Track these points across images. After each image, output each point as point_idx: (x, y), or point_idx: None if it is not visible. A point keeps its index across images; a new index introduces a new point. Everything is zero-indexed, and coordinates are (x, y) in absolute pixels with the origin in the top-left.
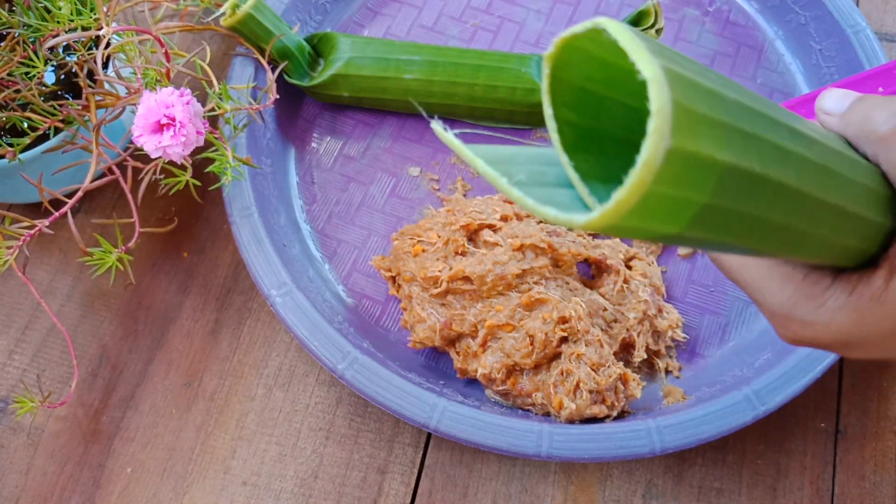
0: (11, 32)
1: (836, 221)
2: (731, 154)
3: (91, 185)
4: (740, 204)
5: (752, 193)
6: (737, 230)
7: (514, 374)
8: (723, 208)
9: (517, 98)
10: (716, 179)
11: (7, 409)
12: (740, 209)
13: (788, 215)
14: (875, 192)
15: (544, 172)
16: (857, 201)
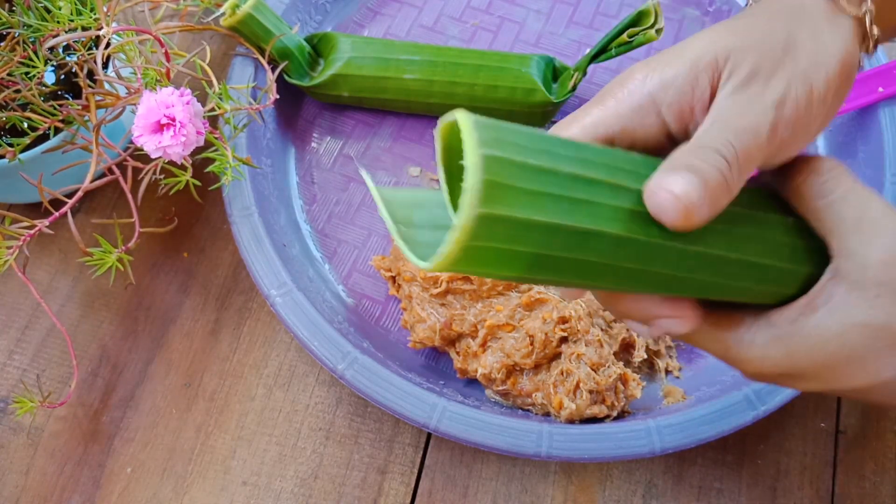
0: (11, 32)
1: (705, 267)
2: (552, 216)
3: (91, 185)
4: (575, 253)
5: (584, 245)
6: (584, 273)
7: (514, 374)
8: (558, 256)
9: (517, 98)
10: (540, 234)
11: (7, 409)
12: (577, 257)
13: (637, 261)
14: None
15: (444, 217)
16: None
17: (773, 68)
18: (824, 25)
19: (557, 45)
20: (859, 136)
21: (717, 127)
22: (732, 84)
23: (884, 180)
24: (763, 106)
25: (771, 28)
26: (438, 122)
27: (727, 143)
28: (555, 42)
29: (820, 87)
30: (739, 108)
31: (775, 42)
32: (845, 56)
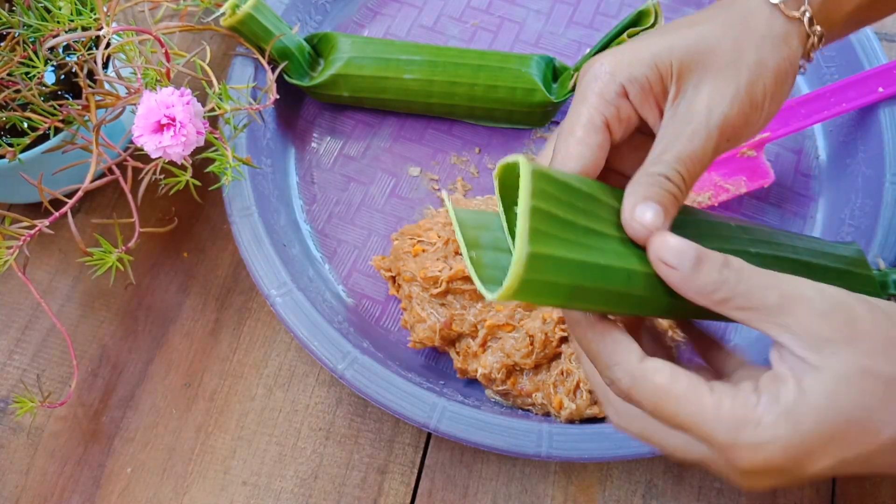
0: (11, 32)
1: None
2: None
3: (91, 185)
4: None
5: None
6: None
7: (514, 374)
8: (588, 287)
9: (517, 98)
10: (572, 270)
11: (7, 409)
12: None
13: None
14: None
15: (503, 240)
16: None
17: (719, 81)
18: (767, 35)
19: (557, 45)
20: (859, 136)
21: (668, 153)
22: (683, 97)
23: (884, 180)
24: (708, 128)
25: (721, 39)
26: (500, 161)
27: (675, 171)
28: (555, 42)
29: (758, 97)
30: (687, 131)
31: (724, 53)
32: (781, 64)
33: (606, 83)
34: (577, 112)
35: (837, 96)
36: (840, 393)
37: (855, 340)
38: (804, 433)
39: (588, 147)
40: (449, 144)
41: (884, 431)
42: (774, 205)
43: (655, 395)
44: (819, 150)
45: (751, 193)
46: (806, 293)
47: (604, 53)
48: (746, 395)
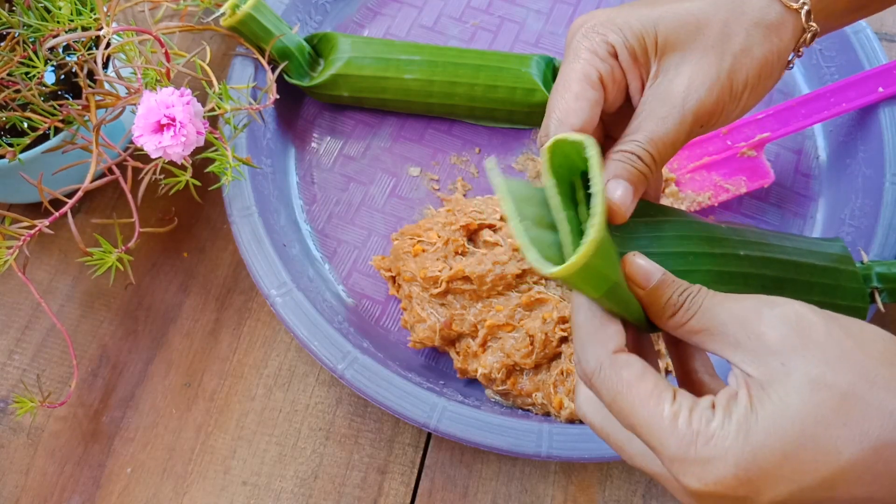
0: (11, 32)
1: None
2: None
3: (91, 185)
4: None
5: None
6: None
7: (514, 374)
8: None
9: (517, 98)
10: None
11: (7, 409)
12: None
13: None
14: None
15: (545, 216)
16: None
17: (701, 64)
18: (759, 22)
19: (557, 45)
20: (859, 136)
21: (640, 133)
22: (664, 73)
23: (884, 180)
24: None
25: (710, 19)
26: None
27: (646, 151)
28: (555, 42)
29: (738, 87)
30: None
31: (711, 34)
32: (768, 56)
33: (598, 42)
34: (571, 68)
35: (837, 96)
36: (790, 405)
37: (805, 351)
38: (755, 447)
39: (586, 101)
40: (449, 144)
41: (844, 451)
42: (774, 205)
43: (616, 387)
44: (819, 150)
45: (751, 193)
46: (758, 309)
47: (593, 13)
48: (703, 409)
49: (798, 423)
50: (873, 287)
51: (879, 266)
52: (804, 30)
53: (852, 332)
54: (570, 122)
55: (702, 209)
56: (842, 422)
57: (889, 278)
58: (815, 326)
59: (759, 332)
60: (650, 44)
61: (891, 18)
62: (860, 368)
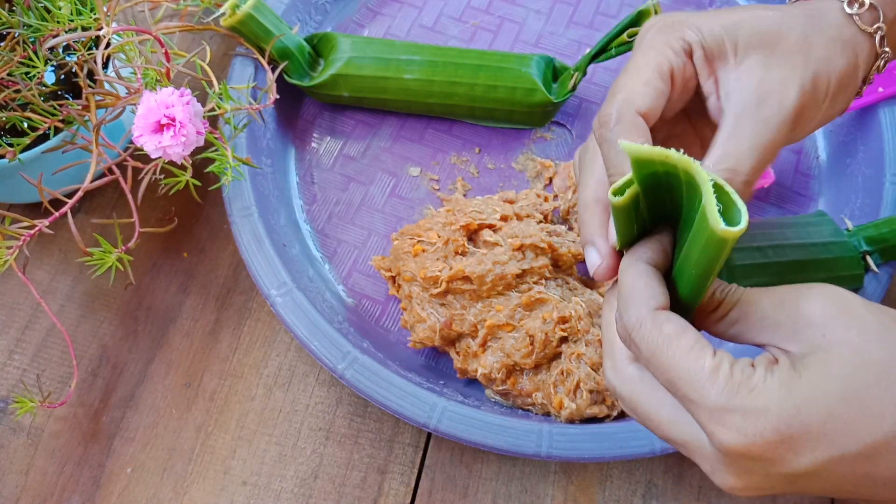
0: (11, 32)
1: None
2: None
3: (91, 185)
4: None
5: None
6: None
7: (514, 374)
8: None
9: (517, 98)
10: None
11: (7, 409)
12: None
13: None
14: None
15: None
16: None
17: (788, 65)
18: (837, 38)
19: (557, 45)
20: (859, 136)
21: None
22: (749, 71)
23: (884, 180)
24: (782, 111)
25: (792, 28)
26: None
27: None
28: (555, 42)
29: (820, 94)
30: (761, 114)
31: (793, 41)
32: (847, 68)
33: (674, 38)
34: (643, 58)
35: None
36: (833, 369)
37: (845, 321)
38: (799, 402)
39: (654, 89)
40: (449, 144)
41: (889, 417)
42: (774, 205)
43: (656, 342)
44: (819, 150)
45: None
46: (796, 291)
47: (670, 14)
48: (744, 365)
49: (842, 385)
50: (864, 251)
51: (865, 230)
52: (878, 55)
53: (891, 312)
54: (637, 104)
55: None
56: (884, 387)
57: (876, 240)
58: (854, 303)
59: (798, 309)
60: (729, 46)
61: None
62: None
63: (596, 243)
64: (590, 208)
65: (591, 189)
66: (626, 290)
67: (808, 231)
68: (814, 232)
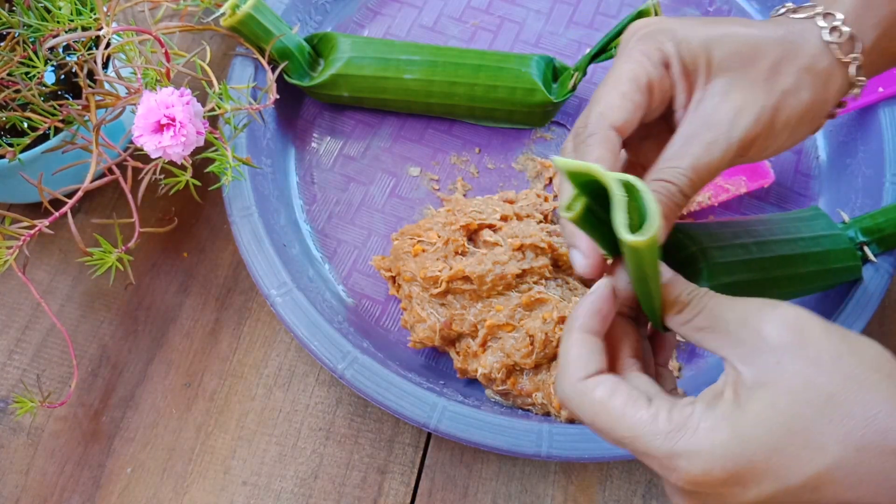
0: (11, 32)
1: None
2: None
3: (91, 185)
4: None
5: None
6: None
7: (514, 374)
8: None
9: (517, 98)
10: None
11: (7, 409)
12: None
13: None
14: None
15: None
16: None
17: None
18: (810, 67)
19: (557, 45)
20: (859, 136)
21: (686, 155)
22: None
23: (884, 180)
24: (729, 140)
25: (767, 53)
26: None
27: (688, 180)
28: (555, 42)
29: (778, 125)
30: (707, 136)
31: (764, 67)
32: (812, 103)
33: (653, 48)
34: (622, 68)
35: None
36: (779, 402)
37: (801, 350)
38: (743, 439)
39: (631, 102)
40: (449, 144)
41: (829, 449)
42: (774, 205)
43: (592, 409)
44: (819, 150)
45: (751, 193)
46: (760, 309)
47: (654, 19)
48: (682, 406)
49: (788, 419)
50: (860, 242)
51: (860, 222)
52: (851, 84)
53: (847, 338)
54: (612, 118)
55: (702, 209)
56: (828, 420)
57: (872, 230)
58: (813, 329)
59: (759, 329)
60: (703, 63)
61: None
62: (850, 371)
63: (578, 245)
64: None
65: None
66: (560, 361)
67: (796, 226)
68: (802, 226)
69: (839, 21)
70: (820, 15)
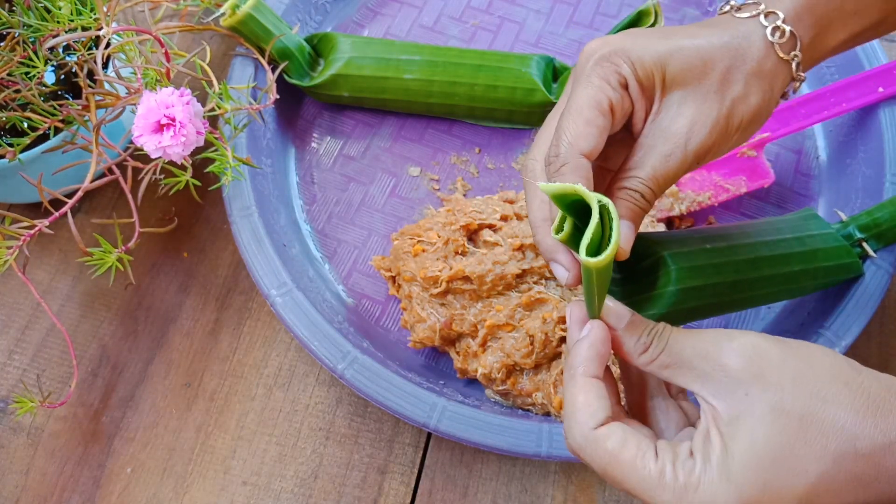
0: (11, 32)
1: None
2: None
3: (91, 185)
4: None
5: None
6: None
7: (514, 374)
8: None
9: (517, 98)
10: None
11: (7, 409)
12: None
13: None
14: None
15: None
16: None
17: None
18: (757, 72)
19: (557, 45)
20: (859, 136)
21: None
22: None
23: (884, 180)
24: (685, 152)
25: (716, 63)
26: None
27: (648, 188)
28: (555, 42)
29: (732, 129)
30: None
31: (714, 79)
32: (761, 104)
33: (610, 71)
34: (583, 94)
35: (837, 96)
36: (758, 437)
37: (764, 378)
38: (738, 486)
39: (596, 128)
40: (449, 144)
41: (811, 469)
42: (774, 205)
43: (603, 459)
44: (819, 150)
45: (751, 193)
46: (717, 343)
47: (607, 40)
48: (684, 460)
49: (769, 452)
50: (859, 238)
51: (857, 219)
52: (793, 78)
53: (801, 354)
54: (580, 146)
55: (702, 209)
56: (803, 442)
57: (869, 226)
58: (770, 353)
59: (722, 363)
60: (658, 79)
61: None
62: (812, 388)
63: (558, 258)
64: (541, 227)
65: (538, 209)
66: (567, 408)
67: (778, 228)
68: (787, 228)
69: (780, 20)
70: (763, 14)
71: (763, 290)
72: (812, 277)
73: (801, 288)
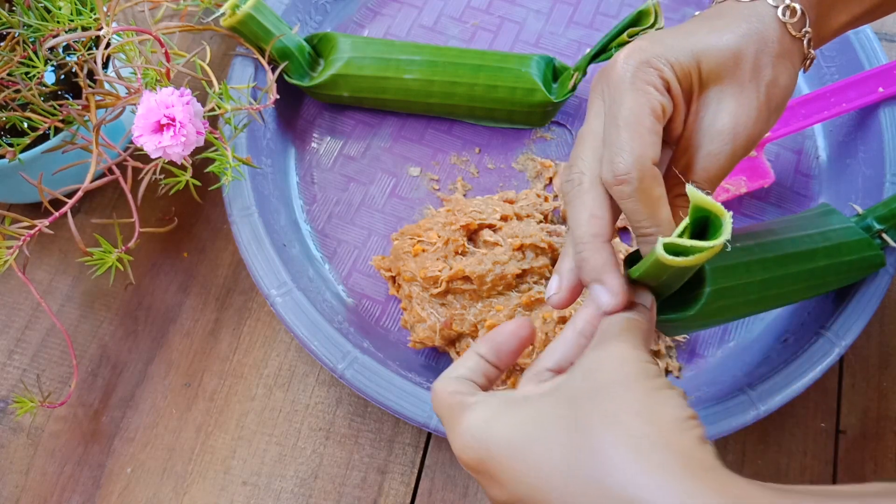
0: (11, 32)
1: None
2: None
3: (91, 185)
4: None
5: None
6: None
7: (514, 374)
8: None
9: (517, 98)
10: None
11: (7, 409)
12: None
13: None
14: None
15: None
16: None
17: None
18: (780, 53)
19: (557, 45)
20: (859, 136)
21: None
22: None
23: (884, 180)
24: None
25: (744, 52)
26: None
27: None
28: (555, 42)
29: (770, 113)
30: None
31: (747, 68)
32: (789, 82)
33: (655, 77)
34: (633, 102)
35: (837, 96)
36: (540, 417)
37: (557, 388)
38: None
39: (657, 135)
40: (449, 144)
41: (544, 466)
42: (774, 205)
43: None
44: (819, 150)
45: (751, 193)
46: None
47: (637, 46)
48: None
49: (531, 430)
50: (878, 230)
51: (874, 211)
52: (805, 56)
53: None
54: (650, 156)
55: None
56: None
57: (888, 217)
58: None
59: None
60: (695, 79)
61: (891, 18)
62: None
63: (606, 281)
64: (591, 244)
65: (587, 224)
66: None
67: (802, 224)
68: (810, 224)
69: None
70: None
71: (791, 286)
72: (838, 272)
73: (827, 283)
